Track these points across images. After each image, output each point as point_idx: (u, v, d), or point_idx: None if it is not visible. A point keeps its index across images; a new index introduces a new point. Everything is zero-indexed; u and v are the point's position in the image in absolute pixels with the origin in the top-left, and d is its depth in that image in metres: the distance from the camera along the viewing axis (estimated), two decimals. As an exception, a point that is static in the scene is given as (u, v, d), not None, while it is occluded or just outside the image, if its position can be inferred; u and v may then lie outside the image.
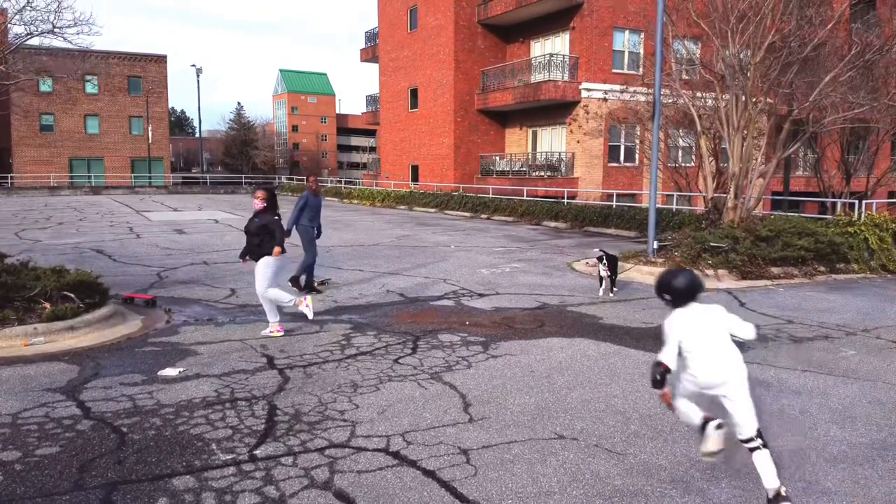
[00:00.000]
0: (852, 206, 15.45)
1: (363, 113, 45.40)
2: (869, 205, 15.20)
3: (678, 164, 21.87)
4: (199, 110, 67.33)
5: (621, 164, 28.76)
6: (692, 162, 22.09)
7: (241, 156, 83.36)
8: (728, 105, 13.60)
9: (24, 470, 4.17)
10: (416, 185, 34.75)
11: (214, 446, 4.54)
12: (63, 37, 8.71)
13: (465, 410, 5.24)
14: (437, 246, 16.32)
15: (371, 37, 40.64)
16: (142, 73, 54.13)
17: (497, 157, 31.68)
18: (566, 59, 27.92)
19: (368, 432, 4.79)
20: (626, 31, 28.15)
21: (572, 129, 27.74)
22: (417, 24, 34.27)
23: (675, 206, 20.51)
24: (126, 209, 30.14)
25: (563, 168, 28.46)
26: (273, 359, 6.65)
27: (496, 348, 7.10)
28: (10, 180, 48.10)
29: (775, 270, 11.90)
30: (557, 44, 29.30)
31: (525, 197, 26.00)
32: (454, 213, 27.43)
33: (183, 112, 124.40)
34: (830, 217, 15.14)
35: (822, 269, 12.34)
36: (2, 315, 7.18)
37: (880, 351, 7.22)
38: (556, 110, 28.99)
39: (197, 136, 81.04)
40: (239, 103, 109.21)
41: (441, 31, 32.14)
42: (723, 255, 11.92)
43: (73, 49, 10.47)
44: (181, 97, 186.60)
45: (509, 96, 29.53)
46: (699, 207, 18.64)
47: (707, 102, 15.65)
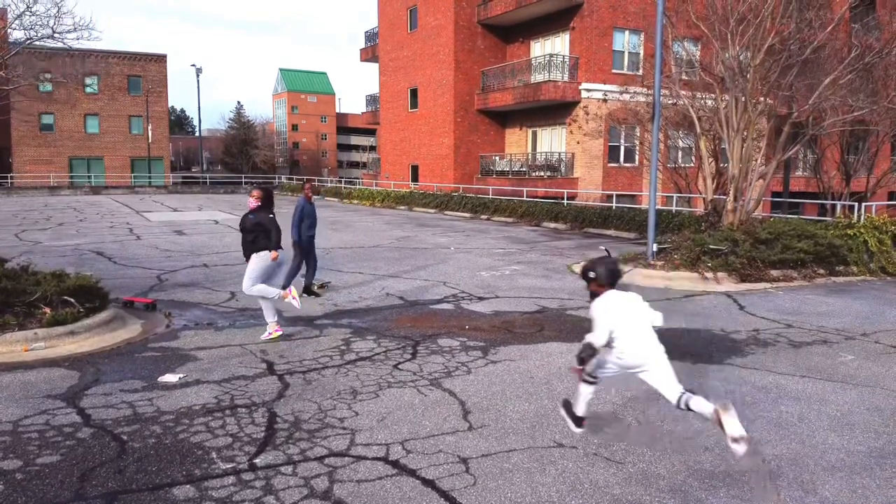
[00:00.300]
0: (852, 209, 15.46)
1: (363, 113, 45.41)
2: (868, 207, 15.21)
3: (678, 165, 21.88)
4: (199, 110, 67.38)
5: (621, 165, 28.77)
6: (692, 162, 22.10)
7: (241, 155, 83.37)
8: (728, 107, 13.61)
9: (26, 479, 4.18)
10: (415, 185, 34.76)
11: (214, 455, 4.55)
12: (63, 42, 8.71)
13: (464, 418, 5.25)
14: (437, 248, 16.34)
15: (371, 36, 40.64)
16: (141, 73, 54.11)
17: (497, 158, 31.68)
18: (566, 59, 27.93)
19: (368, 440, 4.81)
20: (626, 32, 28.15)
21: (572, 130, 27.75)
22: (417, 24, 34.27)
23: (675, 208, 20.52)
24: (126, 209, 30.16)
25: (563, 168, 28.48)
26: (273, 364, 6.66)
27: (496, 353, 7.12)
28: (9, 180, 48.10)
29: (775, 273, 11.91)
30: (557, 44, 29.30)
31: (525, 198, 26.01)
32: (454, 213, 27.43)
33: (183, 111, 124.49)
34: (830, 219, 15.16)
35: (822, 271, 12.35)
36: (2, 320, 7.19)
37: (879, 356, 7.23)
38: (555, 110, 29.00)
39: (197, 135, 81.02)
40: (239, 102, 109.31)
41: (441, 31, 32.14)
42: (722, 257, 11.93)
43: (72, 49, 10.48)
44: (181, 96, 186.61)
45: (509, 96, 29.53)
46: (699, 209, 18.64)
47: (707, 103, 15.65)
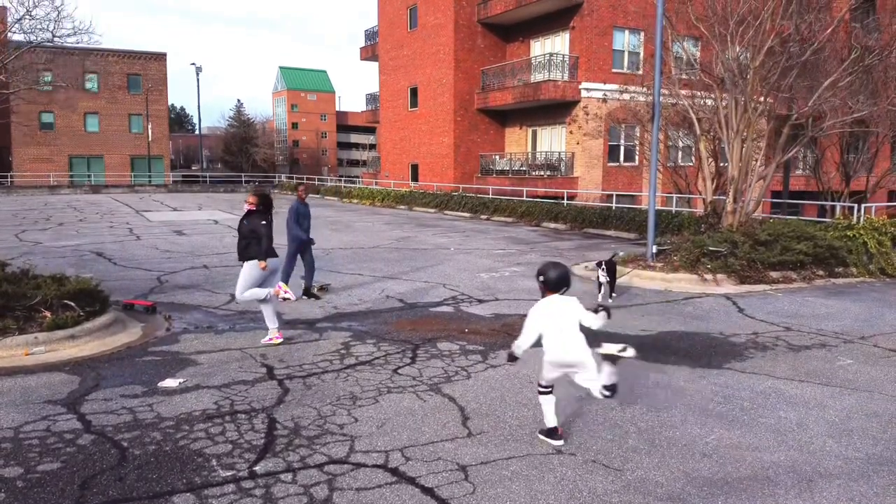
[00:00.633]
0: (851, 210, 15.47)
1: (363, 111, 45.40)
2: (868, 208, 15.22)
3: (677, 165, 21.88)
4: (199, 109, 67.38)
5: (621, 164, 28.77)
6: (692, 162, 22.10)
7: (241, 153, 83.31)
8: (727, 108, 13.61)
9: (27, 487, 4.20)
10: (415, 184, 34.76)
11: (214, 462, 4.57)
12: (62, 46, 8.70)
13: (463, 424, 5.27)
14: (437, 248, 16.35)
15: (371, 35, 40.61)
16: (141, 71, 54.07)
17: (497, 157, 31.69)
18: (566, 58, 27.92)
19: (367, 447, 4.82)
20: (626, 31, 28.14)
21: (572, 130, 27.75)
22: (417, 22, 34.25)
23: (675, 208, 20.53)
24: (126, 209, 30.17)
25: (563, 168, 28.49)
26: (273, 369, 6.68)
27: (495, 357, 7.13)
28: (9, 179, 48.10)
29: (774, 275, 11.92)
30: (557, 43, 29.29)
31: (525, 197, 26.02)
32: (454, 213, 27.44)
33: (182, 108, 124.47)
34: (829, 220, 15.17)
35: (821, 273, 12.36)
36: (3, 324, 7.21)
37: (878, 360, 7.25)
38: (556, 110, 29.00)
39: (197, 133, 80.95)
40: (239, 100, 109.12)
41: (441, 30, 32.12)
42: (721, 259, 11.94)
43: (72, 47, 10.47)
44: (181, 94, 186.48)
45: (509, 96, 29.53)
46: (699, 209, 18.65)
47: (707, 103, 15.65)
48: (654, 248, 12.85)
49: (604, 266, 10.18)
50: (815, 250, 12.35)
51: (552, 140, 30.16)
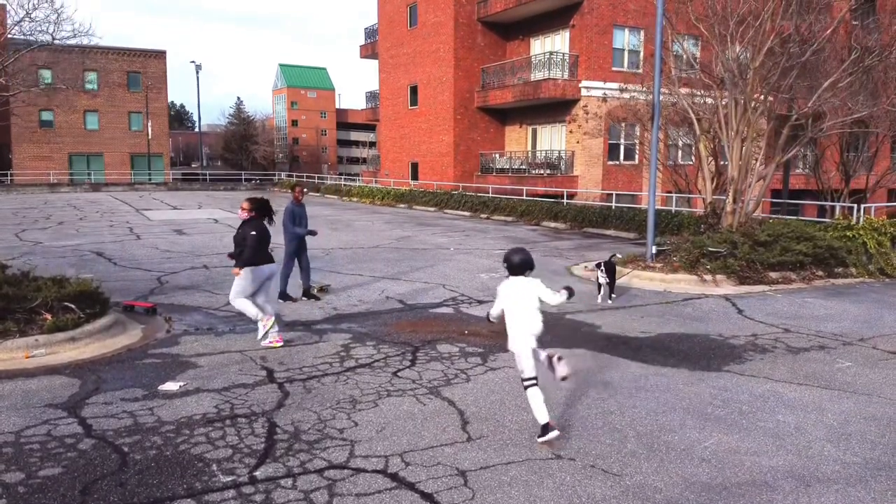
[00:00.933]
0: (851, 210, 15.47)
1: (363, 109, 45.37)
2: (868, 208, 15.23)
3: (677, 164, 21.88)
4: (199, 107, 67.33)
5: (621, 163, 28.77)
6: (692, 160, 22.10)
7: (241, 150, 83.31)
8: (727, 107, 13.61)
9: (28, 493, 4.21)
10: (415, 182, 34.76)
11: (215, 467, 4.59)
12: (61, 48, 8.70)
13: (463, 429, 5.29)
14: (437, 248, 16.36)
15: (371, 33, 40.56)
16: (141, 69, 54.03)
17: (497, 155, 31.68)
18: (566, 56, 27.90)
19: (367, 452, 4.84)
20: (626, 29, 28.11)
21: (572, 129, 27.74)
22: (417, 21, 34.21)
23: (675, 208, 20.54)
24: (126, 207, 30.17)
25: (563, 166, 28.48)
26: (273, 372, 6.69)
27: (494, 360, 7.15)
28: (9, 177, 48.10)
29: (773, 275, 11.93)
30: (557, 41, 29.26)
31: (524, 196, 26.03)
32: (454, 212, 27.45)
33: (182, 106, 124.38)
34: (829, 220, 15.18)
35: (821, 273, 12.38)
36: (3, 327, 7.22)
37: (876, 363, 7.26)
38: (556, 108, 28.99)
39: (196, 130, 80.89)
40: (238, 98, 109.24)
41: (441, 28, 32.09)
42: (721, 259, 11.95)
43: (71, 46, 10.45)
44: (181, 91, 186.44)
45: (509, 94, 29.52)
46: (698, 209, 18.66)
47: (707, 101, 15.63)
48: (654, 249, 12.86)
49: (603, 267, 10.20)
50: (815, 251, 12.36)
51: (552, 138, 30.15)
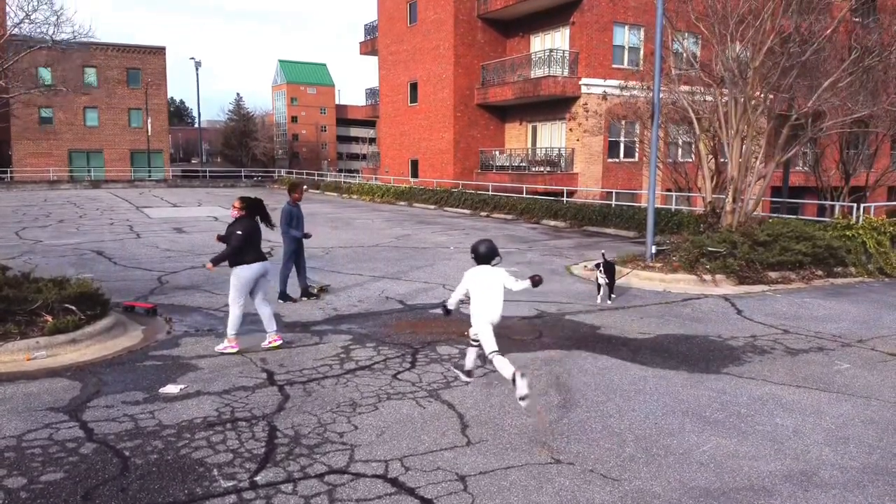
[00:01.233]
0: (851, 209, 15.48)
1: (363, 105, 45.32)
2: (867, 208, 15.23)
3: (677, 162, 21.87)
4: (199, 104, 67.16)
5: (621, 161, 28.75)
6: (692, 158, 22.09)
7: (241, 147, 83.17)
8: (727, 107, 13.60)
9: (30, 498, 4.24)
10: (415, 179, 34.75)
11: (216, 472, 4.61)
12: (61, 49, 8.71)
13: (462, 433, 5.31)
14: (437, 247, 16.37)
15: (370, 30, 40.49)
16: (140, 66, 53.89)
17: (497, 152, 31.66)
18: (566, 54, 27.86)
19: (367, 456, 4.86)
20: (626, 27, 28.08)
21: (572, 127, 27.73)
22: (417, 17, 34.15)
23: (675, 206, 20.55)
24: (126, 205, 30.16)
25: (563, 164, 28.47)
26: (273, 374, 6.71)
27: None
28: (9, 174, 48.05)
29: (773, 275, 11.95)
30: (557, 39, 29.22)
31: (524, 194, 26.03)
32: (454, 210, 27.45)
33: (182, 102, 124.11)
34: (829, 220, 15.18)
35: (820, 273, 12.39)
36: (4, 329, 7.23)
37: (875, 364, 7.28)
38: (556, 105, 28.96)
39: (196, 126, 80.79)
40: (238, 94, 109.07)
41: (441, 25, 32.04)
42: (721, 259, 11.96)
43: (71, 44, 10.43)
44: (180, 87, 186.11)
45: (509, 91, 29.50)
46: (698, 207, 18.67)
47: (707, 99, 15.62)
48: (654, 249, 12.87)
49: (603, 267, 10.21)
50: (814, 250, 12.37)
51: (552, 136, 30.13)
